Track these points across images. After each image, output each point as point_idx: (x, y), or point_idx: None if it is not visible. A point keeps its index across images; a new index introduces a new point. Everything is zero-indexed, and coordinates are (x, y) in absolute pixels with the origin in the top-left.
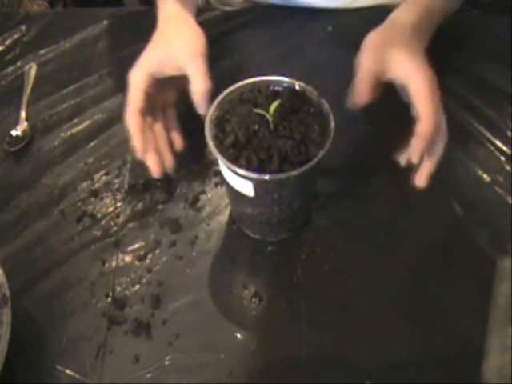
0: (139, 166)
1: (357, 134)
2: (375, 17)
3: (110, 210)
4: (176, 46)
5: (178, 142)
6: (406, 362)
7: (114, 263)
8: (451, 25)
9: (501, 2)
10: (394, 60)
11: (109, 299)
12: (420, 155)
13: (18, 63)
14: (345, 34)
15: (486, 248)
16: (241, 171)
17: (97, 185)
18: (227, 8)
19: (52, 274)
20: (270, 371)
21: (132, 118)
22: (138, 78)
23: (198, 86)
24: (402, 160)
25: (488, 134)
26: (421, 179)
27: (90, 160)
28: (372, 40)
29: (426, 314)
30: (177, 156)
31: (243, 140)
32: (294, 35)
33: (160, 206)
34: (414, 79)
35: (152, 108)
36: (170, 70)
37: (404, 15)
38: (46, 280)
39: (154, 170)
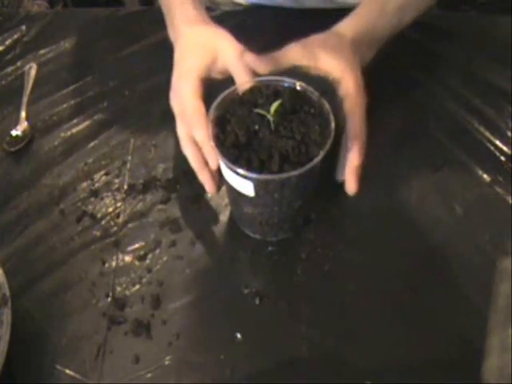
0: (139, 166)
1: None
2: None
3: (110, 210)
4: (222, 47)
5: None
6: (406, 361)
7: (114, 263)
8: (451, 25)
9: (501, 2)
10: (324, 56)
11: (109, 299)
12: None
13: (18, 63)
14: None
15: (486, 248)
16: (241, 171)
17: (97, 185)
18: (227, 8)
19: (52, 274)
20: (270, 371)
21: (204, 129)
22: (192, 87)
23: (244, 78)
24: (342, 176)
25: (488, 134)
26: (353, 185)
27: (90, 160)
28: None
29: (426, 313)
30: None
31: (244, 140)
32: (294, 35)
33: (160, 206)
34: (346, 78)
35: None
36: (215, 74)
37: (347, 27)
38: (45, 280)
39: (213, 187)
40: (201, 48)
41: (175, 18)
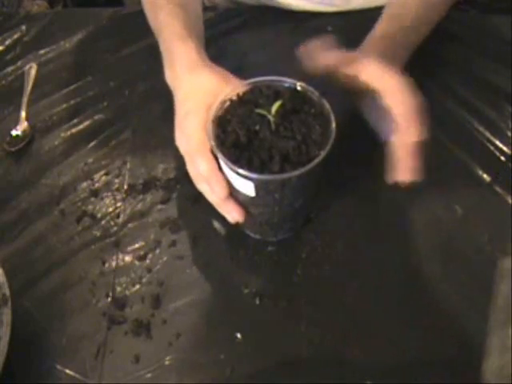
0: (139, 166)
1: (358, 134)
2: (376, 16)
3: (110, 209)
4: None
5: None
6: (406, 361)
7: (114, 263)
8: (451, 25)
9: (501, 2)
10: (361, 63)
11: (109, 299)
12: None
13: (18, 63)
14: (345, 33)
15: (486, 248)
16: (242, 171)
17: (97, 185)
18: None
19: (52, 274)
20: (270, 371)
21: (207, 162)
22: (200, 121)
23: None
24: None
25: (488, 134)
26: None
27: (90, 160)
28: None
29: (426, 313)
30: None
31: (244, 140)
32: (294, 35)
33: (160, 206)
34: (384, 80)
35: None
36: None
37: (369, 47)
38: (46, 280)
39: (241, 213)
40: (206, 90)
41: (176, 62)
